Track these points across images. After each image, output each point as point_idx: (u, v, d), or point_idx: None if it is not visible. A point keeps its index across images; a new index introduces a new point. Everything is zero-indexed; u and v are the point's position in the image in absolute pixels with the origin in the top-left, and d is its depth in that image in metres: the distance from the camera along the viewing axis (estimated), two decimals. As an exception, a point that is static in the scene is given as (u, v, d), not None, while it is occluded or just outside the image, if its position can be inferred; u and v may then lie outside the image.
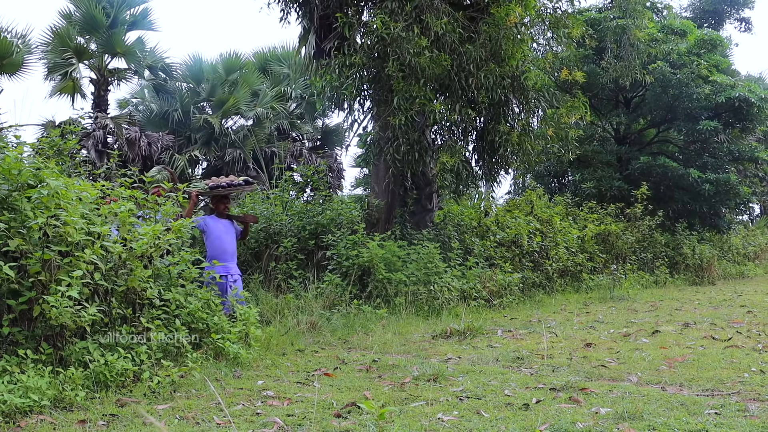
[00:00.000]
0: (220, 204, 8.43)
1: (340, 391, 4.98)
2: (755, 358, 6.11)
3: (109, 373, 4.78)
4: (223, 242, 8.20)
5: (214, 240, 8.20)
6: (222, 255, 8.12)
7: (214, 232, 8.26)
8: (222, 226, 8.34)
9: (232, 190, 8.48)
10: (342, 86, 10.95)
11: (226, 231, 8.39)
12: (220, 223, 8.34)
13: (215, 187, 8.32)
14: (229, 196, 8.68)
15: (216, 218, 8.37)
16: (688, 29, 19.76)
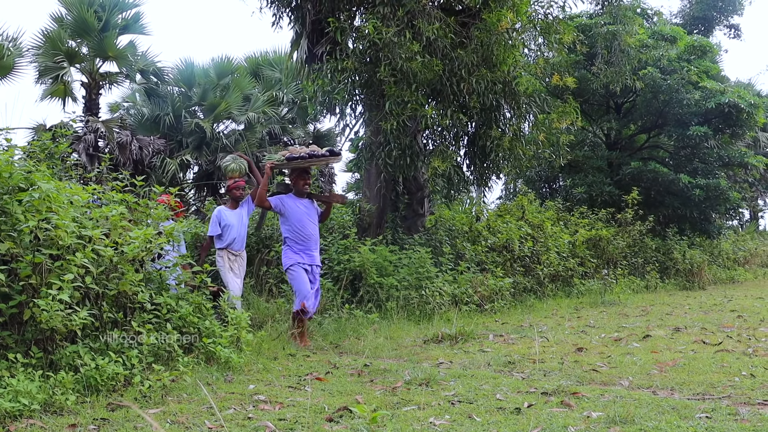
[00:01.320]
0: (300, 180, 7.61)
1: (331, 395, 4.98)
2: (745, 362, 6.13)
3: (100, 377, 4.77)
4: (304, 226, 7.47)
5: (294, 224, 7.46)
6: (304, 241, 7.49)
7: (293, 214, 7.48)
8: (302, 206, 7.56)
9: (314, 161, 7.61)
10: (334, 91, 10.96)
11: (308, 213, 7.60)
12: (300, 204, 7.56)
13: (294, 159, 7.42)
14: (310, 170, 7.78)
15: (294, 197, 7.58)
16: (678, 35, 19.87)
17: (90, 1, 18.86)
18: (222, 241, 8.21)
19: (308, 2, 11.61)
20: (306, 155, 7.39)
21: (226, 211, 8.30)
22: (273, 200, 7.60)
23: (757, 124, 19.84)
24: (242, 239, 8.37)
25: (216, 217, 8.28)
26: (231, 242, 8.18)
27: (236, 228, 8.24)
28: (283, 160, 7.48)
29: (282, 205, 7.54)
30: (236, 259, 8.29)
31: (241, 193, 8.44)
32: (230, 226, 8.20)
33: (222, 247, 8.21)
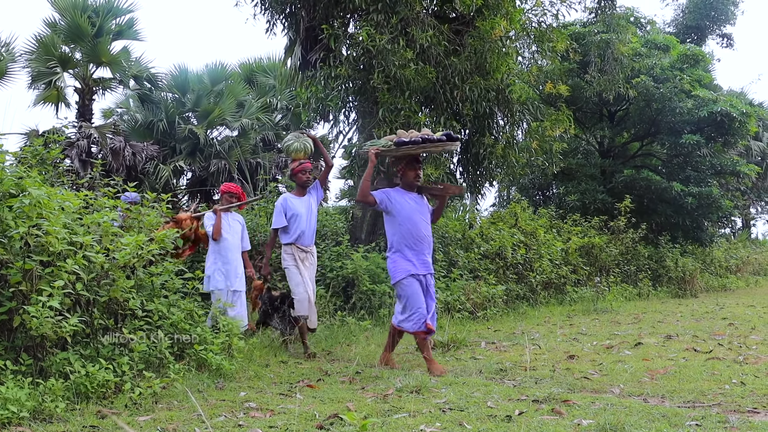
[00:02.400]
0: (410, 170, 6.49)
1: (322, 402, 4.97)
2: (736, 369, 6.14)
3: (90, 384, 4.74)
4: (417, 226, 6.35)
5: (404, 223, 6.34)
6: (417, 244, 6.40)
7: (403, 211, 6.38)
8: (413, 202, 6.44)
9: (429, 147, 6.43)
10: (327, 98, 10.98)
11: (419, 209, 6.46)
12: (409, 199, 6.46)
13: (404, 144, 6.28)
14: (420, 158, 6.65)
15: (402, 191, 6.49)
16: (671, 44, 19.96)
17: (84, 7, 18.83)
18: (288, 234, 7.47)
19: (302, 9, 11.64)
20: (419, 139, 6.28)
21: (293, 199, 7.55)
22: (378, 195, 6.43)
23: (749, 133, 19.95)
24: (312, 232, 7.57)
25: (281, 206, 7.51)
26: (299, 236, 7.43)
27: (304, 218, 7.47)
28: (390, 145, 6.38)
29: (389, 201, 6.43)
30: (306, 256, 7.49)
31: (308, 177, 7.62)
32: (297, 216, 7.45)
33: (288, 242, 7.47)
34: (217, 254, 8.17)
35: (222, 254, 8.16)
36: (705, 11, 26.12)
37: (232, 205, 8.44)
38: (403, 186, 6.59)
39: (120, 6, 19.43)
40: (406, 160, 6.55)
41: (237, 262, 8.27)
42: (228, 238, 8.24)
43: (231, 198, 8.47)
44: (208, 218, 8.28)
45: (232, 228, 8.39)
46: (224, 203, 8.42)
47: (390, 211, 6.45)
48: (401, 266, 6.42)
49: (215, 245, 8.18)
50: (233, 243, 8.29)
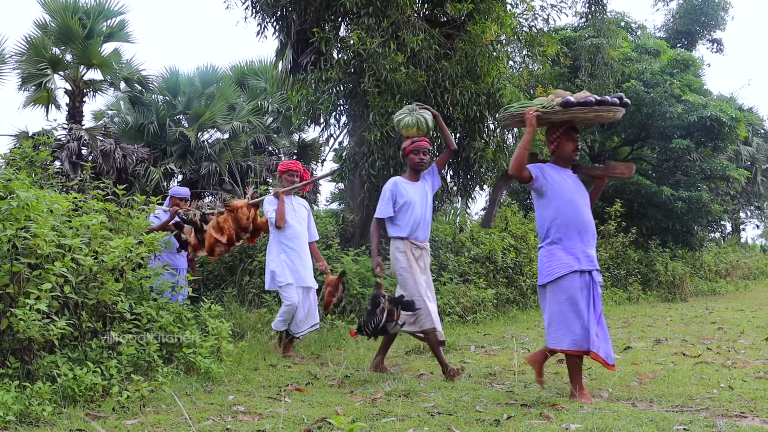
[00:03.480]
0: (569, 141, 5.34)
1: (311, 406, 4.96)
2: (724, 374, 6.17)
3: (78, 387, 4.73)
4: (579, 211, 5.17)
5: (562, 207, 5.16)
6: (580, 233, 5.18)
7: (561, 191, 5.21)
8: (572, 181, 5.31)
9: (600, 112, 5.22)
10: (318, 101, 10.97)
11: (579, 191, 5.29)
12: (567, 177, 5.32)
13: (572, 105, 5.14)
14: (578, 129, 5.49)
15: (557, 168, 5.34)
16: (661, 49, 20.06)
17: (74, 8, 18.79)
18: (399, 226, 6.27)
19: (293, 12, 11.65)
20: (593, 99, 5.16)
21: (405, 184, 6.33)
22: (533, 169, 5.24)
23: (739, 138, 20.04)
24: (428, 225, 6.40)
25: (390, 191, 6.29)
26: (413, 228, 6.23)
27: (419, 207, 6.26)
28: (553, 106, 5.21)
29: (544, 178, 5.23)
30: (421, 254, 6.32)
31: (421, 159, 6.33)
32: (410, 205, 6.25)
33: (400, 236, 6.24)
34: (282, 245, 7.47)
35: (287, 245, 7.46)
36: (695, 16, 26.29)
37: (295, 185, 7.74)
38: (558, 161, 5.42)
39: (111, 8, 19.39)
40: (563, 129, 5.37)
41: (306, 253, 7.60)
42: (294, 225, 7.53)
43: (292, 178, 7.77)
44: (269, 203, 7.56)
45: (298, 213, 7.67)
46: (284, 185, 7.71)
47: (544, 192, 5.25)
48: (561, 260, 5.16)
49: (279, 234, 7.49)
50: (300, 231, 7.59)
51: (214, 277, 10.51)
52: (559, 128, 5.37)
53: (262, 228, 8.07)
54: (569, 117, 5.25)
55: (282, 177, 7.78)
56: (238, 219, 7.85)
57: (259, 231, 8.17)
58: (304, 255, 7.57)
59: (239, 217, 7.83)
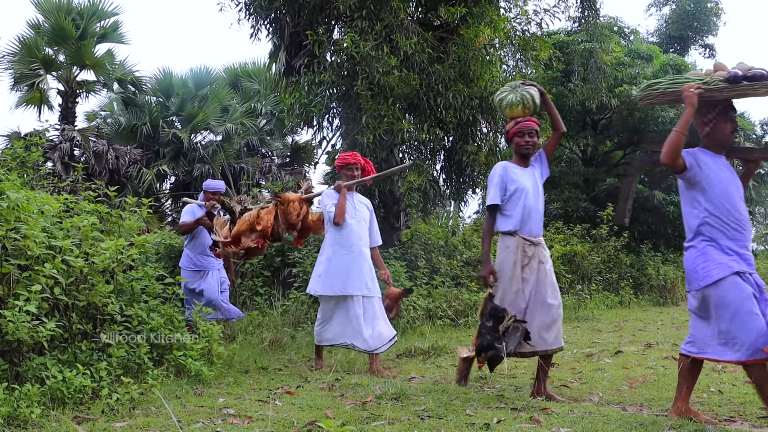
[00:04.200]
0: (726, 122, 4.66)
1: (301, 409, 4.95)
2: (714, 378, 6.19)
3: (67, 389, 4.71)
4: (736, 205, 4.52)
5: (718, 198, 4.50)
6: (738, 229, 4.50)
7: (717, 182, 4.55)
8: (727, 170, 4.64)
9: None
10: (311, 103, 10.97)
11: (734, 181, 4.63)
12: (722, 165, 4.65)
13: (740, 80, 4.48)
14: None
15: (711, 154, 4.67)
16: (654, 54, 20.13)
17: (68, 9, 18.80)
18: (509, 217, 5.33)
19: (287, 15, 11.65)
20: (764, 72, 4.44)
21: (515, 169, 5.42)
22: (687, 157, 4.60)
23: (731, 143, 20.07)
24: (541, 218, 5.47)
25: (499, 175, 5.35)
26: (525, 220, 5.29)
27: (531, 196, 5.35)
28: (715, 81, 4.56)
29: (698, 167, 4.58)
30: (536, 252, 5.32)
31: (528, 141, 5.43)
32: (523, 192, 5.32)
33: (509, 230, 5.32)
34: (336, 246, 6.72)
35: (343, 246, 6.71)
36: (688, 22, 26.38)
37: (361, 179, 6.97)
38: (711, 146, 4.72)
39: (105, 9, 19.42)
40: (720, 108, 4.66)
41: (364, 257, 6.78)
42: (352, 224, 6.76)
43: (351, 172, 6.93)
44: (329, 196, 6.87)
45: (358, 212, 6.90)
46: (344, 177, 6.94)
47: (698, 182, 4.57)
48: (718, 260, 4.44)
49: (335, 233, 6.75)
50: (359, 232, 6.81)
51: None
52: (715, 107, 4.66)
53: (312, 228, 7.30)
54: (735, 94, 4.56)
55: (340, 172, 6.98)
56: (287, 214, 7.02)
57: (308, 231, 7.38)
58: (361, 259, 6.72)
59: (289, 212, 7.01)
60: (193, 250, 8.21)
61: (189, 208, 8.35)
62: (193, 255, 8.20)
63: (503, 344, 5.04)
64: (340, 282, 6.66)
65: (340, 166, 7.00)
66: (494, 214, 5.39)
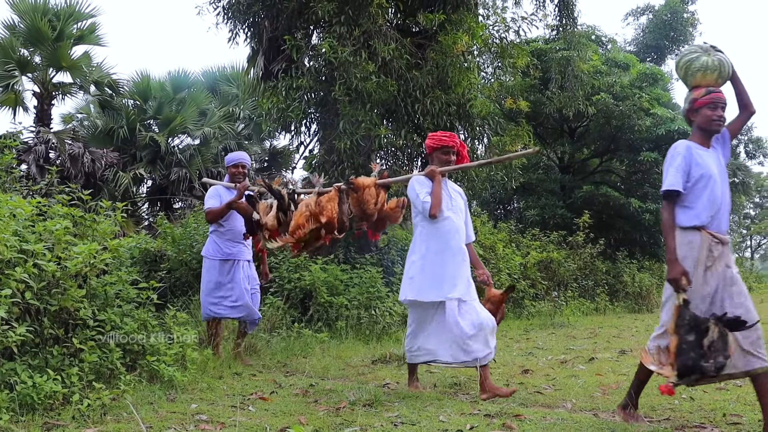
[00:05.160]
0: None
1: (275, 415, 4.94)
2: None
3: (37, 395, 4.65)
4: None
5: None
6: None
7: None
8: None
9: None
10: (288, 108, 10.94)
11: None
12: None
13: None
14: None
15: None
16: (631, 63, 20.34)
17: (44, 10, 18.63)
18: (691, 209, 4.41)
19: (265, 20, 11.64)
20: None
21: (699, 150, 4.52)
22: None
23: (706, 152, 20.31)
24: (728, 210, 4.54)
25: (682, 156, 4.47)
26: (713, 213, 4.38)
27: (719, 184, 4.44)
28: None
29: None
30: (722, 251, 4.39)
31: (721, 117, 4.52)
32: (709, 180, 4.40)
33: (693, 226, 4.37)
34: (431, 242, 5.71)
35: (440, 242, 5.68)
36: (664, 31, 26.66)
37: (459, 166, 6.12)
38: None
39: (82, 10, 19.25)
40: None
41: (464, 255, 5.76)
42: (451, 217, 5.73)
43: (448, 156, 5.88)
44: (420, 183, 5.76)
45: (455, 203, 5.87)
46: (438, 161, 5.91)
47: None
48: None
49: (430, 228, 5.72)
50: (458, 225, 5.78)
51: (181, 284, 10.41)
52: None
53: (390, 217, 6.31)
54: None
55: (433, 154, 5.96)
56: (363, 202, 6.05)
57: (385, 222, 6.34)
58: (460, 258, 5.71)
59: (364, 200, 6.04)
60: (222, 236, 7.29)
61: (214, 190, 7.35)
62: (221, 242, 7.30)
63: (711, 362, 4.10)
64: (437, 285, 5.62)
65: (433, 148, 5.92)
66: (673, 203, 4.44)
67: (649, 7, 28.02)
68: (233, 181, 7.38)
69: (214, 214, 7.20)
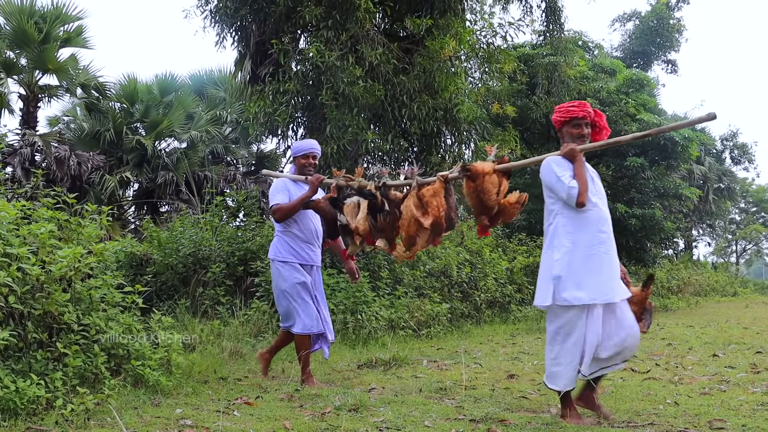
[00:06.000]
0: None
1: (260, 420, 4.93)
2: (671, 390, 6.26)
3: (20, 400, 4.63)
4: None
5: None
6: None
7: None
8: None
9: None
10: (275, 112, 10.93)
11: None
12: None
13: None
14: None
15: None
16: (617, 68, 20.44)
17: (30, 12, 18.56)
18: None
19: (253, 24, 11.64)
20: None
21: None
22: None
23: (692, 157, 20.55)
24: None
25: None
26: None
27: None
28: None
29: None
30: None
31: None
32: None
33: None
34: (582, 235, 4.87)
35: (590, 234, 4.86)
36: (651, 38, 26.86)
37: (605, 142, 5.19)
38: None
39: (69, 13, 19.19)
40: None
41: (615, 249, 5.04)
42: (599, 204, 4.94)
43: (580, 129, 5.03)
44: (559, 165, 4.93)
45: (597, 188, 5.05)
46: (569, 137, 5.06)
47: None
48: None
49: (573, 218, 4.89)
50: (605, 215, 5.00)
51: (167, 288, 10.39)
52: None
53: (507, 212, 5.38)
54: None
55: (563, 131, 5.15)
56: (483, 192, 5.12)
57: (499, 216, 5.41)
58: (612, 252, 4.97)
59: (484, 190, 5.11)
60: (296, 238, 6.39)
61: (281, 184, 6.44)
62: (295, 244, 6.38)
63: None
64: (590, 286, 4.77)
65: (561, 122, 5.12)
66: None
67: (636, 14, 28.24)
68: (302, 174, 6.45)
69: (284, 212, 6.23)
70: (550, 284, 4.85)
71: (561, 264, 4.82)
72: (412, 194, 5.48)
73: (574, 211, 4.83)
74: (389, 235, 5.70)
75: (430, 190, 5.39)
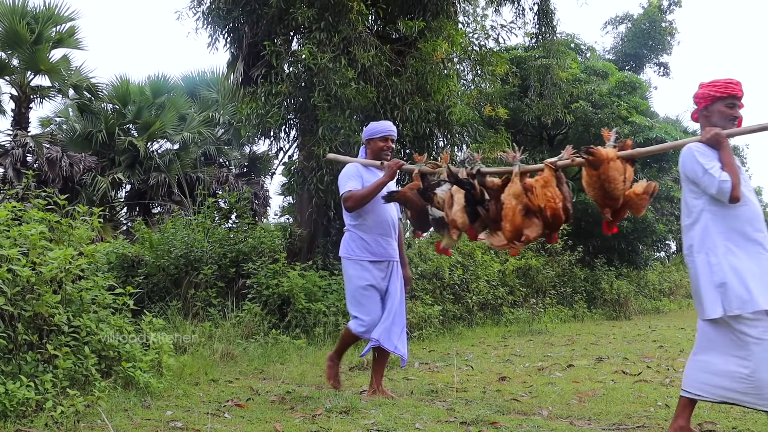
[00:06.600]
0: None
1: (251, 422, 4.92)
2: (662, 392, 6.28)
3: (9, 402, 4.61)
4: None
5: None
6: None
7: None
8: None
9: None
10: (267, 114, 10.90)
11: None
12: None
13: None
14: None
15: None
16: (609, 71, 20.48)
17: (23, 12, 18.50)
18: None
19: (245, 25, 11.62)
20: None
21: None
22: None
23: (683, 160, 20.49)
24: None
25: None
26: None
27: None
28: None
29: None
30: None
31: None
32: None
33: None
34: (734, 234, 4.20)
35: (743, 235, 4.18)
36: (643, 40, 26.92)
37: (742, 129, 4.42)
38: None
39: (61, 13, 19.14)
40: None
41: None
42: (752, 200, 4.30)
43: (732, 110, 4.37)
44: (703, 154, 4.25)
45: (747, 181, 4.38)
46: (719, 117, 4.39)
47: None
48: None
49: (724, 216, 4.24)
50: (758, 211, 4.31)
51: (158, 289, 10.36)
52: None
53: (633, 206, 4.74)
54: None
55: (711, 109, 4.43)
56: (608, 181, 4.53)
57: (625, 210, 4.80)
58: None
59: (609, 178, 4.53)
60: (371, 231, 5.82)
61: (353, 169, 5.86)
62: (369, 237, 5.83)
63: None
64: (759, 291, 4.05)
65: (713, 98, 4.38)
66: None
67: (628, 16, 28.29)
68: (378, 158, 5.86)
69: (356, 199, 5.63)
70: (717, 293, 4.16)
71: (721, 268, 4.16)
72: (514, 181, 4.92)
73: (724, 207, 4.20)
74: (493, 227, 5.06)
75: (540, 181, 4.85)
